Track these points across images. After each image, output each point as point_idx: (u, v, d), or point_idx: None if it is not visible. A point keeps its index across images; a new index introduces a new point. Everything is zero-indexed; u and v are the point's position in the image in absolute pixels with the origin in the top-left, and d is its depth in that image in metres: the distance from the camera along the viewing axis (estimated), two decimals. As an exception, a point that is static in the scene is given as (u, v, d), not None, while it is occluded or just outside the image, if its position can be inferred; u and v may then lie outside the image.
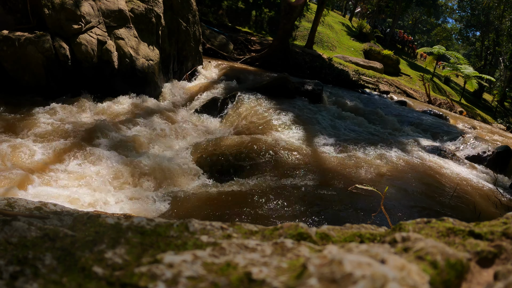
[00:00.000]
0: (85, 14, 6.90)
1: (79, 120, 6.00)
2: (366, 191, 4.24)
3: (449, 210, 4.57)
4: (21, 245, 0.68)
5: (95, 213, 0.89)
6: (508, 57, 26.41)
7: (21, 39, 6.16)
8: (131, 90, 7.62)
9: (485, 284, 0.60)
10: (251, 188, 4.30)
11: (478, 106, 25.48)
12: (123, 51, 7.49)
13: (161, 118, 7.05)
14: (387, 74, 22.64)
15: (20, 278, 0.56)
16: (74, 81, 6.91)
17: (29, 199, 1.09)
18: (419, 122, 10.52)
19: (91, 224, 0.81)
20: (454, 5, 43.12)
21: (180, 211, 3.75)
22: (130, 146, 5.40)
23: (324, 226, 0.83)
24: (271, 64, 14.99)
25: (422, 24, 51.98)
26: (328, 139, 6.46)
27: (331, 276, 0.48)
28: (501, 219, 0.80)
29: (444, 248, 0.61)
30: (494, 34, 31.16)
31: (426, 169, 5.95)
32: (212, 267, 0.57)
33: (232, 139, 5.79)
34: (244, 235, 0.78)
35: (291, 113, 7.62)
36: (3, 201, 0.99)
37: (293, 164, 5.16)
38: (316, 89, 9.99)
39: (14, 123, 5.42)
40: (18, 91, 6.47)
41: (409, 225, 0.81)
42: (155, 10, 8.36)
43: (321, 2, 20.12)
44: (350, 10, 38.23)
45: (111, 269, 0.59)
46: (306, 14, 25.67)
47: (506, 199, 5.62)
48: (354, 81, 16.18)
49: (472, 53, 38.78)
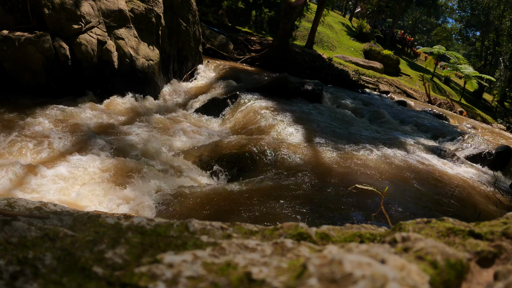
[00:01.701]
0: (85, 14, 6.90)
1: (79, 120, 6.00)
2: (366, 191, 4.24)
3: (449, 210, 4.57)
4: (21, 245, 0.68)
5: (95, 213, 0.89)
6: (508, 57, 26.41)
7: (21, 39, 6.16)
8: (131, 90, 7.62)
9: (485, 284, 0.60)
10: (251, 188, 4.30)
11: (478, 106, 25.48)
12: (123, 51, 7.49)
13: (161, 118, 7.06)
14: (387, 74, 22.64)
15: (20, 278, 0.56)
16: (74, 81, 6.91)
17: (28, 199, 1.10)
18: (419, 122, 10.51)
19: (91, 224, 0.81)
20: (454, 5, 43.11)
21: (180, 211, 3.75)
22: (130, 146, 5.40)
23: (324, 226, 0.83)
24: (271, 64, 14.99)
25: (422, 24, 51.98)
26: (328, 139, 6.46)
27: (331, 276, 0.48)
28: (501, 219, 0.80)
29: (444, 248, 0.61)
30: (494, 34, 31.14)
31: (426, 169, 5.95)
32: (212, 267, 0.57)
33: (232, 139, 5.79)
34: (244, 235, 0.78)
35: (291, 113, 7.62)
36: (3, 201, 0.99)
37: (293, 164, 5.16)
38: (316, 89, 9.99)
39: (14, 123, 5.42)
40: (18, 91, 6.47)
41: (409, 225, 0.81)
42: (155, 10, 8.36)
43: (321, 2, 20.12)
44: (350, 10, 38.23)
45: (111, 269, 0.59)
46: (306, 14, 25.67)
47: (506, 199, 5.62)
48: (354, 81, 16.18)
49: (472, 53, 38.77)
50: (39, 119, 5.66)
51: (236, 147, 5.45)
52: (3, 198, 1.03)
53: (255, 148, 5.37)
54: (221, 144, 5.63)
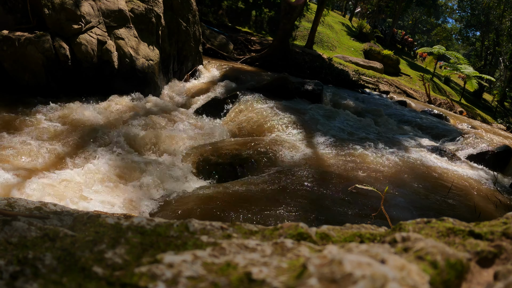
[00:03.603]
0: (85, 14, 6.90)
1: (79, 120, 6.00)
2: (366, 191, 4.24)
3: (449, 210, 4.57)
4: (21, 245, 0.68)
5: (95, 213, 0.89)
6: (508, 57, 26.40)
7: (21, 39, 6.16)
8: (131, 90, 7.62)
9: (485, 284, 0.60)
10: (251, 188, 4.30)
11: (478, 106, 25.47)
12: (123, 51, 7.49)
13: (161, 118, 7.05)
14: (387, 74, 22.63)
15: (20, 278, 0.56)
16: (74, 81, 6.91)
17: (28, 199, 1.10)
18: (419, 122, 10.51)
19: (91, 224, 0.81)
20: (454, 5, 43.12)
21: (180, 211, 3.75)
22: (130, 146, 5.41)
23: (324, 226, 0.83)
24: (271, 64, 14.99)
25: (422, 24, 51.98)
26: (328, 139, 6.46)
27: (331, 276, 0.48)
28: (501, 219, 0.80)
29: (444, 248, 0.61)
30: (494, 34, 31.14)
31: (426, 169, 5.95)
32: (212, 267, 0.57)
33: (232, 140, 5.79)
34: (244, 235, 0.78)
35: (291, 113, 7.62)
36: (3, 201, 0.99)
37: (293, 164, 5.16)
38: (316, 89, 9.99)
39: (14, 123, 5.42)
40: (18, 91, 6.47)
41: (409, 225, 0.81)
42: (155, 10, 8.36)
43: (321, 2, 20.12)
44: (350, 10, 38.23)
45: (111, 269, 0.59)
46: (306, 14, 25.67)
47: (506, 199, 5.62)
48: (354, 81, 16.17)
49: (472, 53, 38.75)
50: (39, 119, 5.66)
51: (236, 147, 5.45)
52: (3, 198, 1.03)
53: (255, 148, 5.37)
54: (221, 144, 5.63)
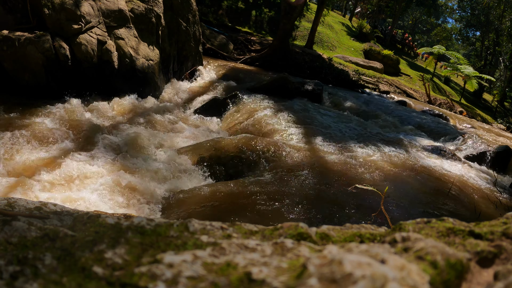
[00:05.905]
0: (85, 14, 6.90)
1: (78, 120, 5.99)
2: (366, 191, 4.24)
3: (449, 210, 4.57)
4: (21, 245, 0.68)
5: (95, 213, 0.89)
6: (508, 57, 26.40)
7: (21, 39, 6.16)
8: (131, 90, 7.62)
9: (485, 284, 0.60)
10: (251, 188, 4.30)
11: (478, 106, 25.47)
12: (123, 51, 7.49)
13: (161, 118, 7.05)
14: (387, 74, 22.63)
15: (20, 278, 0.56)
16: (74, 81, 6.90)
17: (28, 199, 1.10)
18: (419, 122, 10.52)
19: (91, 224, 0.81)
20: (454, 5, 43.10)
21: (180, 211, 3.75)
22: (130, 146, 5.40)
23: (324, 226, 0.83)
24: (271, 64, 14.99)
25: (422, 24, 51.95)
26: (328, 139, 6.46)
27: (331, 276, 0.48)
28: (501, 219, 0.80)
29: (444, 248, 0.61)
30: (494, 34, 31.14)
31: (426, 169, 5.95)
32: (212, 267, 0.57)
33: (232, 140, 5.79)
34: (244, 235, 0.78)
35: (291, 113, 7.62)
36: (3, 201, 0.99)
37: (293, 164, 5.16)
38: (316, 89, 9.99)
39: (14, 123, 5.42)
40: (18, 91, 6.46)
41: (409, 225, 0.81)
42: (155, 10, 8.36)
43: (321, 2, 20.12)
44: (350, 10, 38.21)
45: (111, 269, 0.59)
46: (306, 14, 25.67)
47: (506, 199, 5.62)
48: (354, 81, 16.18)
49: (472, 53, 38.75)
50: (39, 119, 5.66)
51: (236, 147, 5.45)
52: (3, 198, 1.03)
53: (255, 148, 5.37)
54: (221, 144, 5.62)
